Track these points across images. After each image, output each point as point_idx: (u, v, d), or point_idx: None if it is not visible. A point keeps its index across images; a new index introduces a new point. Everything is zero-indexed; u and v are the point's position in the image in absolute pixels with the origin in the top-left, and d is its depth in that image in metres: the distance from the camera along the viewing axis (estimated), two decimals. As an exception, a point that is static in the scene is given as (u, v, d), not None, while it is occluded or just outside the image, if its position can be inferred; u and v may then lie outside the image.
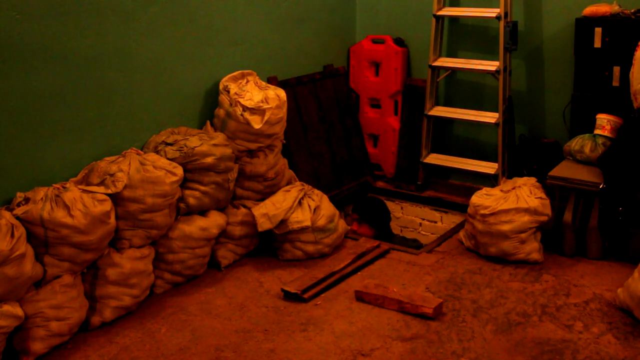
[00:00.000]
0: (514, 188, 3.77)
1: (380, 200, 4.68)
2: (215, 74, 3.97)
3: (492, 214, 3.67)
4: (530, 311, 3.19)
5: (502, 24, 4.33)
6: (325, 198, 3.97)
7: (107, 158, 3.32)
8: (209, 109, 3.96)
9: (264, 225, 3.71)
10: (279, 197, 3.84)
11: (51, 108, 3.19)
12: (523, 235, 3.64)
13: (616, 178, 3.61)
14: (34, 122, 3.13)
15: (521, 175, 4.01)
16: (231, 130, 3.75)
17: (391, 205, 4.93)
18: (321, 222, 3.80)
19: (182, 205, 3.51)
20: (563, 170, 3.87)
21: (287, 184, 4.09)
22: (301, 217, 3.76)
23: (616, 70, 3.93)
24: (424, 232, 4.93)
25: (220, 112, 3.81)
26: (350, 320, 3.16)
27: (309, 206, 3.82)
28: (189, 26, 3.84)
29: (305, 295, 3.35)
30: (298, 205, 3.81)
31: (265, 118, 3.72)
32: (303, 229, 3.75)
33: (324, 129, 4.83)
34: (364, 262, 3.74)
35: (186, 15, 3.81)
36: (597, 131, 3.90)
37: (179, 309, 3.32)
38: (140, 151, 3.39)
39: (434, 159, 4.81)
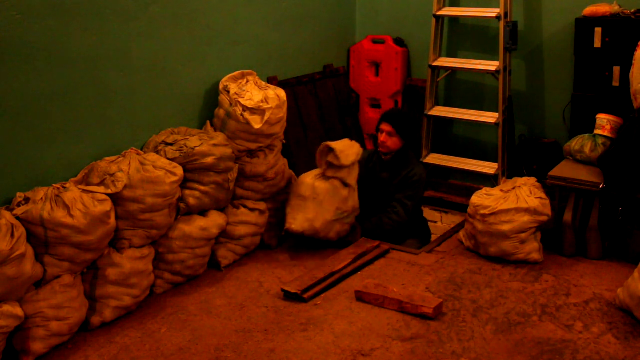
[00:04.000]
0: (514, 188, 3.77)
1: (408, 113, 4.45)
2: (215, 74, 3.97)
3: (492, 214, 3.67)
4: (530, 311, 3.19)
5: (502, 24, 4.33)
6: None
7: (107, 158, 3.32)
8: (209, 109, 3.96)
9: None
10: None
11: (51, 108, 3.19)
12: (523, 235, 3.64)
13: (616, 178, 3.61)
14: (34, 122, 3.13)
15: (521, 175, 4.01)
16: (231, 130, 3.75)
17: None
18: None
19: (182, 205, 3.51)
20: (563, 170, 3.87)
21: (287, 184, 4.10)
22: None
23: (616, 70, 3.93)
24: (424, 232, 4.93)
25: (220, 112, 3.81)
26: (350, 320, 3.16)
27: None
28: (189, 26, 3.84)
29: (305, 295, 3.35)
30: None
31: (265, 118, 3.72)
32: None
33: (324, 129, 4.83)
34: (364, 262, 3.73)
35: (186, 15, 3.81)
36: (597, 131, 3.90)
37: (179, 309, 3.32)
38: (140, 151, 3.39)
39: (434, 159, 4.81)
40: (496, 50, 4.43)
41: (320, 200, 3.83)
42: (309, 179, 3.91)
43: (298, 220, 3.81)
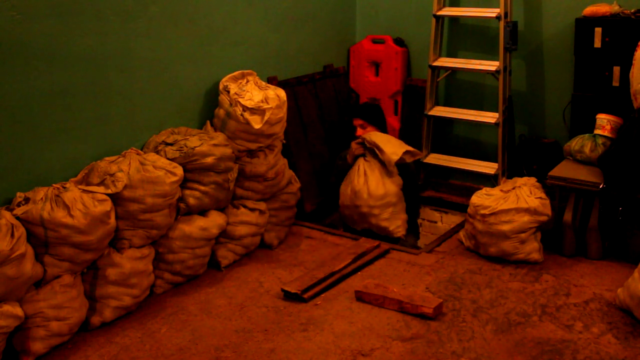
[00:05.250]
0: (514, 188, 3.77)
1: (375, 104, 4.88)
2: (215, 74, 3.97)
3: (492, 214, 3.67)
4: (530, 311, 3.19)
5: (502, 24, 4.33)
6: None
7: (107, 158, 3.32)
8: (209, 109, 3.96)
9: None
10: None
11: (51, 108, 3.19)
12: (523, 235, 3.64)
13: (616, 178, 3.61)
14: (34, 122, 3.13)
15: (521, 175, 4.02)
16: (231, 130, 3.75)
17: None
18: None
19: (182, 205, 3.51)
20: (563, 170, 3.87)
21: (287, 184, 4.10)
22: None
23: (616, 70, 3.93)
24: (424, 232, 4.93)
25: (220, 112, 3.81)
26: (350, 320, 3.16)
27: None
28: (189, 26, 3.84)
29: (305, 295, 3.35)
30: None
31: (265, 118, 3.72)
32: None
33: (324, 129, 4.83)
34: (364, 262, 3.74)
35: (186, 15, 3.81)
36: (597, 131, 3.90)
37: (179, 309, 3.32)
38: (140, 151, 3.39)
39: (434, 159, 4.81)
40: (496, 50, 4.43)
41: (401, 196, 4.29)
42: (384, 188, 4.21)
43: (401, 226, 4.26)
